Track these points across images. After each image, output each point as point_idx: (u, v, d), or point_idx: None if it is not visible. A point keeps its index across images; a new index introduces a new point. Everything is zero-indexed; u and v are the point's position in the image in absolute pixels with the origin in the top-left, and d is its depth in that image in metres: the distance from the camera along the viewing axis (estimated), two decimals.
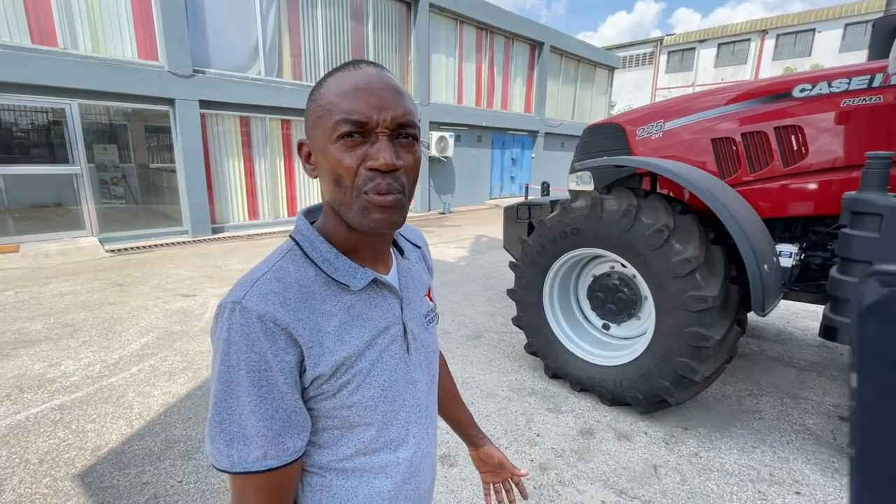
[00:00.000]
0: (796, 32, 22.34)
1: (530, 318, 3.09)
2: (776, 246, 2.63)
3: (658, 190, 3.10)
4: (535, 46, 14.30)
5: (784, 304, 4.61)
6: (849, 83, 2.39)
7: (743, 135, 2.72)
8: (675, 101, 3.11)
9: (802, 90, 2.52)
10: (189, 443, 2.43)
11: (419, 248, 0.86)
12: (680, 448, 2.44)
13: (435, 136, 11.36)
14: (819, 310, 4.47)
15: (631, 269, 2.63)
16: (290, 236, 0.68)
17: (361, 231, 0.63)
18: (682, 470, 2.27)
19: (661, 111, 3.07)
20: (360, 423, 0.66)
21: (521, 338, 3.71)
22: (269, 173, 8.98)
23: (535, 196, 4.76)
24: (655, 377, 2.47)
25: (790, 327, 4.25)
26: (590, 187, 3.37)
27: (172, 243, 7.54)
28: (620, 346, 2.90)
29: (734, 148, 2.76)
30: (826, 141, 2.50)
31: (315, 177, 0.65)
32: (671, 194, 3.00)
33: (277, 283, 0.60)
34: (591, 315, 3.07)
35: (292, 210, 9.50)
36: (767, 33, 23.09)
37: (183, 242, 7.63)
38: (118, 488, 2.10)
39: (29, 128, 7.11)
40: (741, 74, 23.63)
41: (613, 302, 2.85)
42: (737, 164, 2.77)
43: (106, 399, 2.84)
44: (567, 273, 3.04)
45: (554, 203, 3.66)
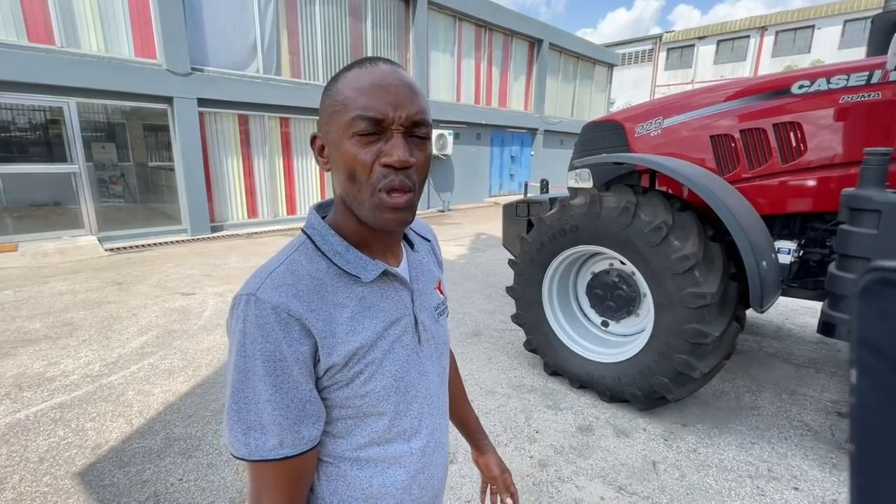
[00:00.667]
0: (795, 29, 22.30)
1: (529, 315, 3.09)
2: (775, 243, 2.63)
3: (657, 187, 3.10)
4: (535, 44, 14.27)
5: (782, 300, 4.62)
6: (847, 79, 2.39)
7: (742, 131, 2.72)
8: (674, 97, 3.11)
9: (801, 87, 2.52)
10: (189, 441, 2.43)
11: (428, 241, 0.87)
12: (679, 444, 2.45)
13: (434, 133, 11.33)
14: (817, 306, 4.47)
15: (630, 267, 2.63)
16: (302, 230, 0.69)
17: (373, 227, 0.64)
18: (680, 466, 2.28)
19: (660, 108, 3.07)
20: (373, 413, 0.67)
21: (520, 335, 3.72)
22: (267, 172, 8.97)
23: (534, 194, 4.76)
24: (654, 374, 2.47)
25: (789, 324, 4.26)
26: (589, 184, 3.37)
27: (171, 242, 7.53)
28: (619, 342, 2.91)
29: (733, 145, 2.76)
30: (825, 137, 2.50)
31: (328, 170, 0.66)
32: (670, 191, 3.00)
33: (290, 276, 0.62)
34: (590, 312, 3.08)
35: (291, 209, 9.49)
36: (767, 30, 23.06)
37: (182, 241, 7.63)
38: (118, 486, 2.10)
39: (27, 127, 7.09)
40: (740, 71, 23.60)
41: (612, 299, 2.85)
42: (735, 161, 2.77)
43: (106, 397, 2.84)
44: (566, 270, 3.04)
45: (553, 200, 3.66)
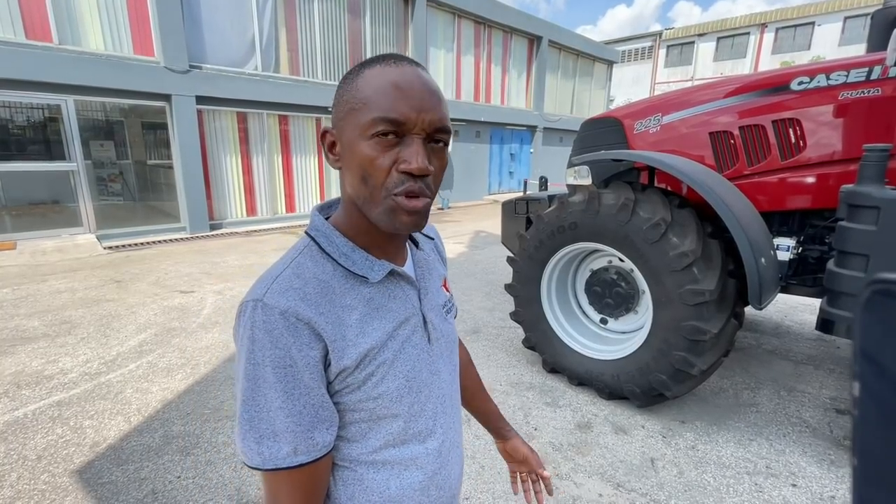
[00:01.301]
0: (796, 26, 22.24)
1: (528, 312, 3.09)
2: (773, 239, 2.63)
3: (656, 184, 3.09)
4: (534, 41, 14.23)
5: (781, 297, 4.61)
6: (847, 76, 2.38)
7: (741, 128, 2.71)
8: (673, 94, 3.10)
9: (800, 83, 2.51)
10: (187, 438, 2.43)
11: (432, 239, 0.86)
12: (677, 441, 2.45)
13: None
14: (816, 303, 4.48)
15: (628, 264, 2.63)
16: (306, 232, 0.68)
17: (384, 230, 0.63)
18: (679, 463, 2.28)
19: (659, 105, 3.06)
20: (387, 415, 0.67)
21: (519, 332, 3.72)
22: (266, 170, 8.95)
23: (533, 191, 4.76)
24: (653, 371, 2.47)
25: (787, 321, 4.26)
26: (588, 182, 3.36)
27: (170, 240, 7.52)
28: (618, 340, 2.90)
29: (732, 141, 2.75)
30: (824, 134, 2.49)
31: (338, 167, 0.64)
32: (669, 188, 3.00)
33: (297, 279, 0.61)
34: (589, 309, 3.07)
35: (290, 206, 9.48)
36: (767, 27, 22.99)
37: (181, 239, 7.62)
38: (116, 484, 2.10)
39: (25, 124, 7.08)
40: (740, 68, 23.56)
41: (611, 296, 2.85)
42: (734, 158, 2.76)
43: (104, 395, 2.84)
44: (565, 268, 3.04)
45: (552, 198, 3.65)
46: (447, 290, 0.82)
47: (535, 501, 1.00)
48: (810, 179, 2.57)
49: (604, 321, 3.00)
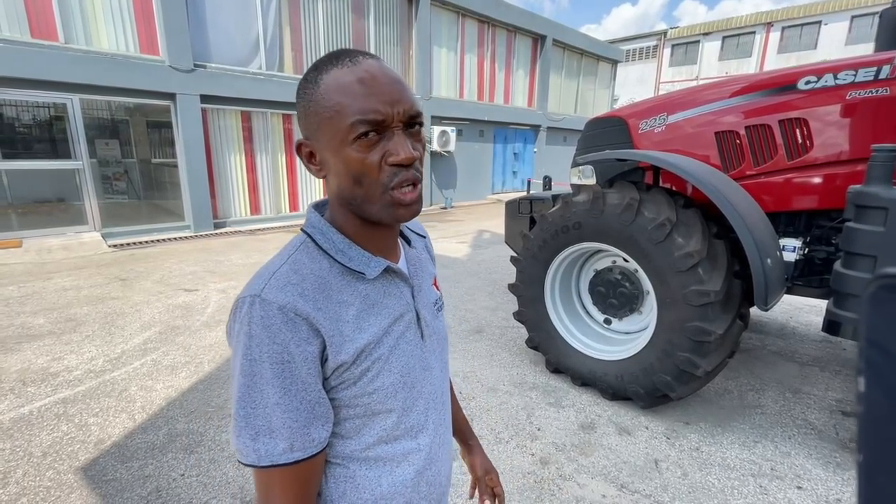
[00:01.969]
0: (802, 25, 22.10)
1: (532, 312, 3.08)
2: (779, 240, 2.61)
3: (661, 184, 3.07)
4: (538, 40, 14.20)
5: (787, 298, 4.58)
6: (855, 75, 2.36)
7: (747, 128, 2.69)
8: (678, 94, 3.08)
9: (808, 82, 2.49)
10: (191, 436, 2.44)
11: (424, 237, 0.88)
12: (681, 442, 2.44)
13: (437, 130, 11.31)
14: (822, 304, 4.44)
15: (633, 264, 2.61)
16: (302, 229, 0.68)
17: (385, 223, 0.64)
18: (683, 464, 2.27)
19: (664, 104, 3.04)
20: (382, 411, 0.67)
21: (522, 332, 3.71)
22: (270, 168, 8.98)
23: (536, 191, 4.74)
24: (657, 372, 2.46)
25: (793, 322, 4.23)
26: (592, 181, 3.34)
27: (174, 238, 7.55)
28: (622, 340, 2.89)
29: (738, 141, 2.73)
30: (831, 134, 2.47)
31: (322, 177, 0.64)
32: (674, 188, 2.98)
33: (294, 275, 0.61)
34: (593, 310, 3.06)
35: (294, 205, 9.50)
36: (773, 26, 22.85)
37: (185, 238, 7.65)
38: (121, 481, 2.11)
39: (31, 123, 7.12)
40: (745, 68, 23.43)
41: (615, 296, 2.83)
42: (740, 158, 2.74)
43: (108, 393, 2.86)
44: (568, 268, 3.03)
45: (556, 197, 3.64)
46: (437, 288, 0.84)
47: None
48: (817, 180, 2.55)
49: (607, 321, 2.99)
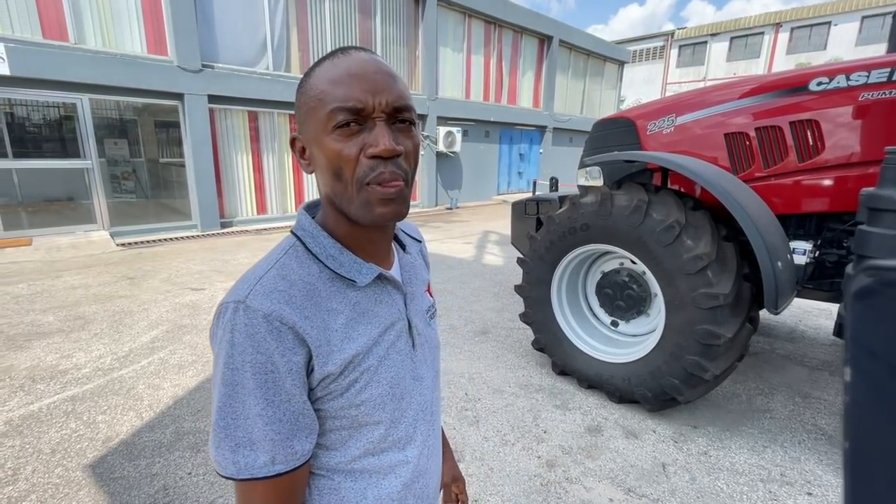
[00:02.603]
0: (811, 25, 21.91)
1: (538, 314, 3.07)
2: (790, 243, 2.58)
3: (669, 185, 3.05)
4: (544, 40, 14.17)
5: (796, 302, 4.53)
6: (868, 76, 2.33)
7: (757, 129, 2.67)
8: (687, 95, 3.06)
9: (819, 84, 2.46)
10: (198, 435, 2.45)
11: (419, 242, 0.85)
12: (689, 447, 2.42)
13: (442, 130, 11.31)
14: (831, 308, 4.40)
15: (641, 266, 2.59)
16: (292, 232, 0.65)
17: (364, 225, 0.61)
18: (691, 469, 2.25)
19: (673, 105, 3.02)
20: (369, 423, 0.65)
21: (528, 334, 3.70)
22: (277, 168, 9.02)
23: (542, 192, 4.73)
24: (665, 375, 2.44)
25: (802, 325, 4.19)
26: (599, 182, 3.33)
27: (182, 237, 7.60)
28: (629, 343, 2.87)
29: (748, 143, 2.71)
30: (843, 135, 2.44)
31: (311, 172, 0.63)
32: (683, 190, 2.96)
33: (282, 281, 0.58)
34: (600, 312, 3.04)
35: (300, 205, 9.53)
36: (781, 26, 22.67)
37: (192, 237, 7.70)
38: (128, 479, 2.12)
39: (41, 123, 7.19)
40: (754, 69, 23.25)
41: (622, 298, 2.82)
42: (750, 160, 2.72)
43: (116, 391, 2.87)
44: (575, 269, 3.01)
45: (562, 199, 3.63)
46: (430, 295, 0.81)
47: None
48: (828, 182, 2.52)
49: (615, 324, 2.97)
